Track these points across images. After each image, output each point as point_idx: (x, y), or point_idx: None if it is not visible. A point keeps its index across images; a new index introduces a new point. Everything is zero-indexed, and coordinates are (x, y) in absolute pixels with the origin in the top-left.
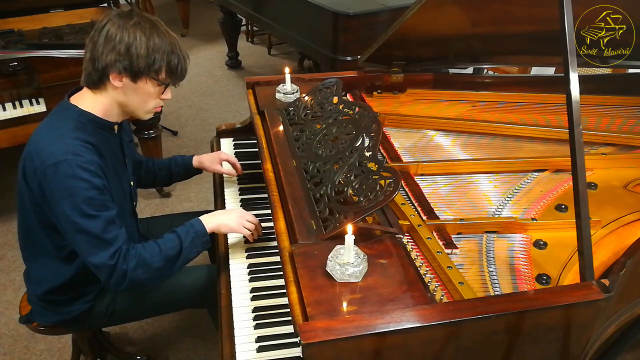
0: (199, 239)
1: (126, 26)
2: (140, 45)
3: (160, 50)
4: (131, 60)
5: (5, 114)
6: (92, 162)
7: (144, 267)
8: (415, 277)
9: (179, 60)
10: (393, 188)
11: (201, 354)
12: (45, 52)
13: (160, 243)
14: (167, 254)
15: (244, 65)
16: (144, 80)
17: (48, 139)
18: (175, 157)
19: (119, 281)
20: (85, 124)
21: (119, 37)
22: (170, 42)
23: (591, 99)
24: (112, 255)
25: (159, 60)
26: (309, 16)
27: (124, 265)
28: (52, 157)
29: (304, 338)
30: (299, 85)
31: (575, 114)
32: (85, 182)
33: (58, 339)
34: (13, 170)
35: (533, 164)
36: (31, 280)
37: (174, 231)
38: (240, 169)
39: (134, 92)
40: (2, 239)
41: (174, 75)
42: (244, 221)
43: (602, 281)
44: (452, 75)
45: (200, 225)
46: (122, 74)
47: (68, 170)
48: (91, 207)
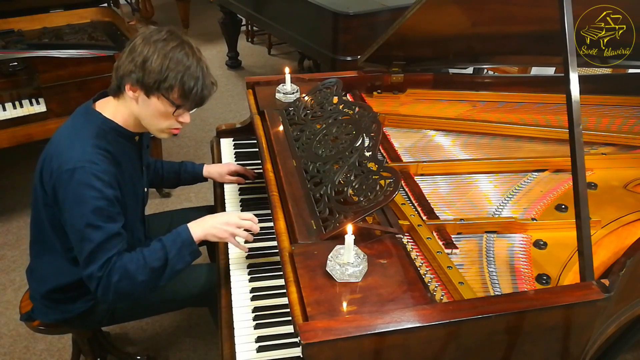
0: (186, 249)
1: (151, 40)
2: (156, 61)
3: (176, 69)
4: (144, 73)
5: (5, 114)
6: (107, 172)
7: (128, 279)
8: (415, 277)
9: (196, 84)
10: (393, 188)
11: (201, 354)
12: (45, 52)
13: (145, 254)
14: (151, 265)
15: (244, 65)
16: (157, 96)
17: (69, 143)
18: (185, 164)
19: (104, 293)
20: (106, 131)
21: (140, 50)
22: (192, 65)
23: (591, 99)
24: (101, 267)
25: (172, 78)
26: (309, 16)
27: (108, 279)
28: (69, 163)
29: (304, 338)
30: (299, 85)
31: (575, 114)
32: (96, 192)
33: (58, 339)
34: (13, 170)
35: (533, 164)
36: (35, 278)
37: (160, 240)
38: (252, 173)
39: (147, 106)
40: (2, 239)
41: (186, 98)
42: (234, 228)
43: (602, 281)
44: (452, 75)
45: (187, 234)
46: (135, 85)
47: (82, 178)
48: (98, 218)
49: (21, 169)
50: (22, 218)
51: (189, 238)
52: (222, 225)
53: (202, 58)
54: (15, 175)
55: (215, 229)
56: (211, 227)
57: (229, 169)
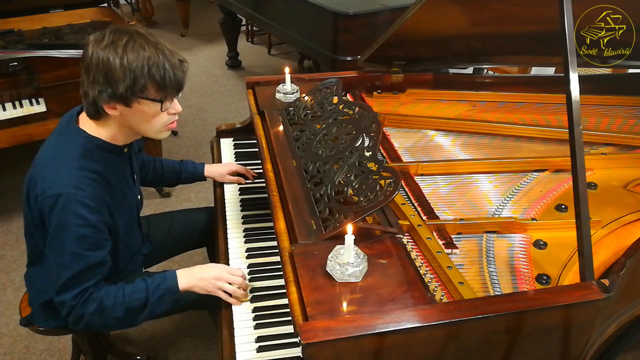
0: (168, 297)
1: (99, 49)
2: (115, 68)
3: (138, 66)
4: (111, 86)
5: (5, 114)
6: (93, 197)
7: (102, 313)
8: (415, 277)
9: (165, 71)
10: (393, 188)
11: (201, 354)
12: (45, 52)
13: (126, 292)
14: (129, 305)
15: (244, 65)
16: (136, 101)
17: (53, 166)
18: (186, 163)
19: (75, 321)
20: (92, 150)
21: (95, 64)
22: (152, 54)
23: (591, 99)
24: (75, 296)
25: (140, 77)
26: (308, 16)
27: (82, 309)
28: (53, 188)
29: (304, 338)
30: (299, 85)
31: (575, 114)
32: (81, 219)
33: (58, 339)
34: (13, 170)
35: (533, 164)
36: (33, 287)
37: (145, 281)
38: (252, 174)
39: (133, 115)
40: (2, 239)
41: (164, 88)
42: (223, 283)
43: (602, 281)
44: (452, 75)
45: (173, 282)
46: (112, 102)
47: (66, 205)
48: (81, 246)
49: (21, 169)
50: (22, 218)
51: (175, 287)
52: (210, 279)
53: (158, 41)
54: (15, 175)
55: (203, 282)
56: (199, 279)
57: (230, 169)
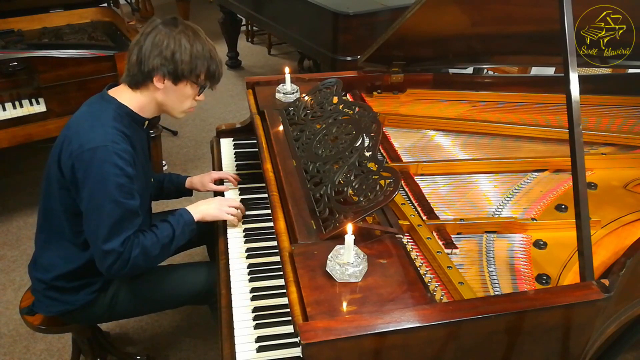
0: (187, 228)
1: (172, 33)
2: (185, 52)
3: (202, 56)
4: (175, 65)
5: (5, 114)
6: (127, 151)
7: (144, 254)
8: (415, 277)
9: (217, 66)
10: (393, 188)
11: (201, 354)
12: (45, 52)
13: (156, 232)
14: (163, 242)
15: (244, 65)
16: (185, 82)
17: (88, 125)
18: (170, 175)
19: (121, 267)
20: (122, 116)
21: (166, 44)
22: (210, 49)
23: (591, 99)
24: (123, 242)
25: (200, 65)
26: (308, 16)
27: (130, 252)
28: (91, 142)
29: (304, 338)
30: (299, 85)
31: (575, 114)
32: (118, 169)
33: (58, 339)
34: (13, 170)
35: (533, 164)
36: (39, 267)
37: (167, 220)
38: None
39: (174, 92)
40: (2, 239)
41: (212, 79)
42: (226, 207)
43: (602, 281)
44: (452, 75)
45: (188, 216)
46: (166, 76)
47: (105, 156)
48: (120, 194)
49: (21, 169)
50: (22, 218)
51: (190, 219)
52: (217, 205)
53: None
54: (15, 175)
55: (211, 209)
56: (207, 209)
57: (211, 177)
